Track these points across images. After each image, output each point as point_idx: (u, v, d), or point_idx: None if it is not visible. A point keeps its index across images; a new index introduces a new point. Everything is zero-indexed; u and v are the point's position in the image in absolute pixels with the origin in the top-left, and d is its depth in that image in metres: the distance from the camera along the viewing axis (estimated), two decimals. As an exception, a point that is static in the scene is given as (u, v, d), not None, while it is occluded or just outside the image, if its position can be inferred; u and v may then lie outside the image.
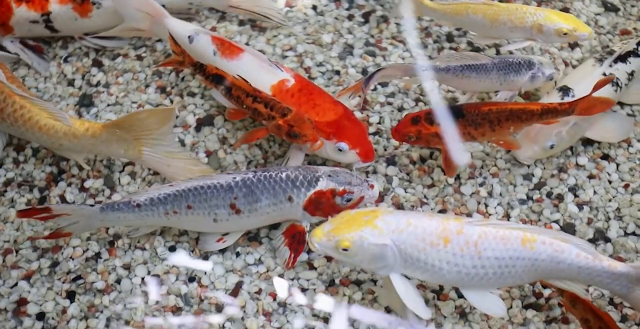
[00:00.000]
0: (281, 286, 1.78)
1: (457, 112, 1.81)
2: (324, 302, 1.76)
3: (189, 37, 2.03)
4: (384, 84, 2.11)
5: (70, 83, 2.16)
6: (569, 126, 1.89)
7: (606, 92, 1.87)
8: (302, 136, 1.77)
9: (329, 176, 1.74)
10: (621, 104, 2.07)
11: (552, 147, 1.90)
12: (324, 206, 1.74)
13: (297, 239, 1.78)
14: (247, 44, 2.19)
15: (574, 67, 2.15)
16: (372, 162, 1.89)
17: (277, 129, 1.79)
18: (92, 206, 1.74)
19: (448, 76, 1.94)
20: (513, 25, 2.00)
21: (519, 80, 1.96)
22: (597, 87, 1.77)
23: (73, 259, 1.83)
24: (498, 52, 2.19)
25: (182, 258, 1.82)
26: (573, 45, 2.22)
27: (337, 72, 2.14)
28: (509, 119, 1.79)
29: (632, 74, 2.01)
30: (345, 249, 1.56)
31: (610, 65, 1.99)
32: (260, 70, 1.93)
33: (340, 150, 1.85)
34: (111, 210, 1.74)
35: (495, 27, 2.02)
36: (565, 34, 1.97)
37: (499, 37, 2.08)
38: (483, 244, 1.55)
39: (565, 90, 1.93)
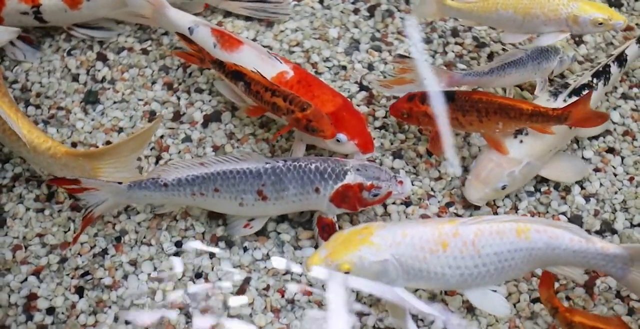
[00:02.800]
0: (289, 282, 1.79)
1: (449, 96, 1.83)
2: (332, 299, 1.75)
3: (189, 28, 2.04)
4: (389, 79, 2.12)
5: (75, 78, 2.15)
6: (522, 166, 1.83)
7: (562, 128, 1.84)
8: (320, 131, 1.78)
9: (358, 170, 1.74)
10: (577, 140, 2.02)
11: (504, 187, 1.83)
12: (351, 199, 1.74)
13: (327, 231, 1.78)
14: (254, 39, 2.19)
15: (580, 63, 2.15)
16: (372, 153, 1.88)
17: (295, 123, 1.80)
18: (119, 183, 1.75)
19: (492, 78, 1.93)
20: (547, 18, 1.95)
21: (550, 66, 1.98)
22: (586, 96, 1.77)
23: (81, 255, 1.83)
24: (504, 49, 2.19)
25: (189, 254, 1.83)
26: (579, 42, 2.22)
27: (344, 68, 2.14)
28: (497, 113, 1.79)
29: None
30: (347, 272, 1.55)
31: (565, 100, 1.90)
32: (259, 63, 1.93)
33: (338, 141, 1.85)
34: (138, 188, 1.75)
35: (527, 21, 1.97)
36: (600, 23, 1.93)
37: (530, 32, 2.02)
38: (480, 242, 1.55)
39: (519, 128, 1.86)
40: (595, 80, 1.96)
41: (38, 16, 2.15)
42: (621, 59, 2.01)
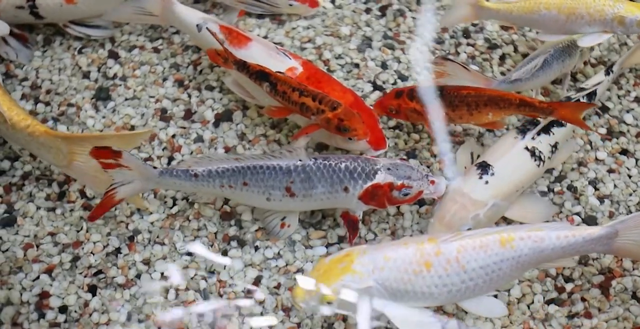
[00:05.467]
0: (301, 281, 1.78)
1: (438, 92, 1.83)
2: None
3: (197, 25, 2.03)
4: (403, 78, 2.11)
5: (86, 75, 2.14)
6: (487, 208, 1.75)
7: (527, 167, 1.81)
8: (352, 130, 1.76)
9: (388, 169, 1.73)
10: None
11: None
12: (380, 198, 1.73)
13: (351, 226, 1.79)
14: (265, 37, 2.18)
15: (592, 65, 2.15)
16: (384, 149, 1.88)
17: (326, 123, 1.79)
18: (154, 168, 1.75)
19: (522, 83, 1.95)
20: (592, 18, 1.92)
21: (573, 61, 2.01)
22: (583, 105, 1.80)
23: (94, 254, 1.83)
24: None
25: (201, 253, 1.83)
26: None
27: (357, 65, 2.13)
28: (487, 105, 1.79)
29: (555, 146, 1.87)
30: (331, 302, 1.54)
31: (533, 138, 1.84)
32: (268, 59, 1.93)
33: (350, 139, 1.84)
34: (169, 175, 1.75)
35: (570, 21, 1.93)
36: None
37: (572, 32, 1.98)
38: (464, 258, 1.55)
39: (484, 167, 1.79)
40: None
41: (34, 11, 2.12)
42: (591, 94, 1.97)
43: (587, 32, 1.95)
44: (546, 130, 1.86)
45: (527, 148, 1.82)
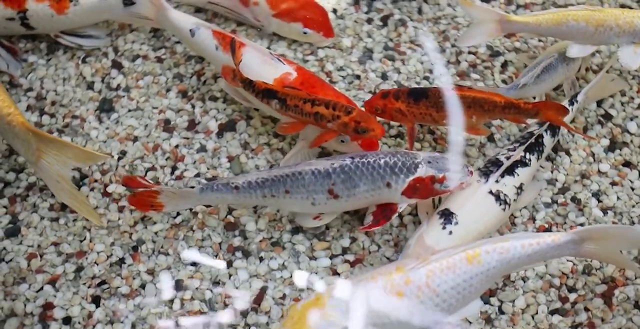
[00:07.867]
0: (305, 291, 1.79)
1: (422, 93, 1.84)
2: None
3: (190, 30, 2.03)
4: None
5: (90, 86, 2.14)
6: None
7: (493, 213, 1.76)
8: (371, 130, 1.77)
9: (429, 162, 1.74)
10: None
11: None
12: (422, 191, 1.74)
13: (385, 214, 1.77)
14: (268, 48, 2.18)
15: (594, 72, 2.15)
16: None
17: (343, 127, 1.79)
18: (192, 187, 1.78)
19: (529, 87, 1.97)
20: (621, 29, 1.93)
21: (577, 65, 2.04)
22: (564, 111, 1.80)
23: (97, 264, 1.83)
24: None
25: (205, 263, 1.83)
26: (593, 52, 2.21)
27: (358, 77, 2.14)
28: (471, 107, 1.80)
29: (520, 187, 1.82)
30: None
31: (497, 181, 1.79)
32: (262, 64, 1.93)
33: (342, 141, 1.86)
34: (210, 191, 1.77)
35: (599, 33, 1.95)
36: None
37: (600, 43, 2.00)
38: (434, 282, 1.55)
39: (447, 215, 1.74)
40: (528, 155, 1.85)
41: (25, 22, 2.11)
42: (554, 127, 1.93)
43: (616, 43, 1.96)
44: (510, 171, 1.82)
45: (491, 192, 1.78)
